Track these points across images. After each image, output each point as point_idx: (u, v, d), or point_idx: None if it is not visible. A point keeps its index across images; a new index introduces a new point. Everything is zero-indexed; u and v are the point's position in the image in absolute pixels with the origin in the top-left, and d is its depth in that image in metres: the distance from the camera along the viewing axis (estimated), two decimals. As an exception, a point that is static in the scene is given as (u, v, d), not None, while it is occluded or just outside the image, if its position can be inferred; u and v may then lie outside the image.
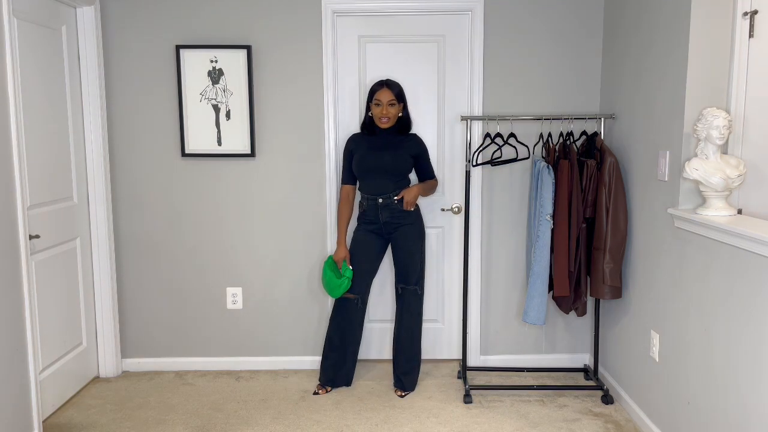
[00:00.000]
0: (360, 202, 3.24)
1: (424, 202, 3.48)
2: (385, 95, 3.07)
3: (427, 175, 3.27)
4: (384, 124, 3.10)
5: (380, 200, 3.14)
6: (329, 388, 3.27)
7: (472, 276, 3.52)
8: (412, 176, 3.31)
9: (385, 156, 3.12)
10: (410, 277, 3.20)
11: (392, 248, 3.24)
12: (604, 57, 3.35)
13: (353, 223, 3.33)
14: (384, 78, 3.28)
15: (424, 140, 3.29)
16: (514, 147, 3.31)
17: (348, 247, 3.24)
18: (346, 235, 3.24)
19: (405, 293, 3.22)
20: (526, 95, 3.41)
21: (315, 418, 2.99)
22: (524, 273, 3.53)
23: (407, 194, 3.12)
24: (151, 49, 3.36)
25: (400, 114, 3.14)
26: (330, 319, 3.27)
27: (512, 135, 3.30)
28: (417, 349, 3.28)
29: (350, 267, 3.18)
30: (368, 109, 3.15)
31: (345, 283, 3.13)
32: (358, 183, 3.26)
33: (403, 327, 3.24)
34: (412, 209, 3.17)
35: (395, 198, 3.12)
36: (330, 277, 3.16)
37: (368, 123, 3.18)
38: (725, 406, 2.19)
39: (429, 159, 3.27)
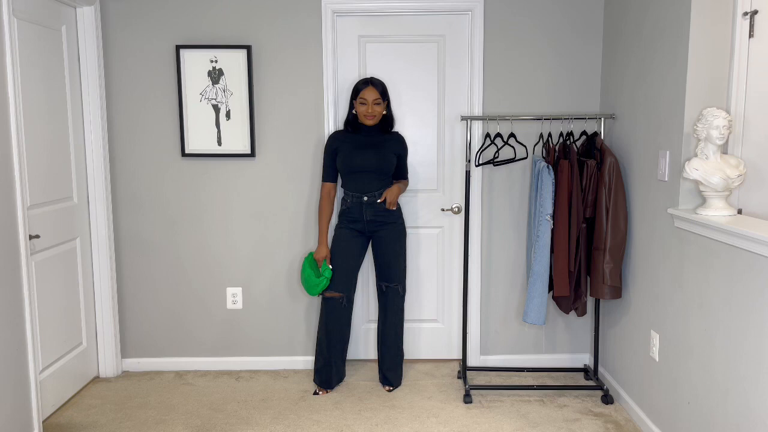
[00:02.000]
0: (343, 199, 3.22)
1: (423, 203, 3.49)
2: (370, 94, 3.07)
3: (402, 175, 3.29)
4: (369, 121, 3.11)
5: (365, 198, 3.14)
6: (328, 390, 3.28)
7: (472, 276, 3.52)
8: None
9: (371, 155, 3.12)
10: (393, 276, 3.22)
11: (375, 247, 3.24)
12: (604, 57, 3.35)
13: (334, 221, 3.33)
14: (368, 76, 3.29)
15: (406, 139, 3.32)
16: (514, 147, 3.31)
17: (329, 245, 3.24)
18: (327, 233, 3.24)
19: (389, 291, 3.23)
20: (526, 95, 3.41)
21: (315, 418, 2.99)
22: (524, 273, 3.53)
23: (389, 194, 3.13)
24: (151, 49, 3.36)
25: (384, 112, 3.15)
26: (319, 322, 3.27)
27: (512, 135, 3.31)
28: (401, 344, 3.32)
29: (330, 267, 3.17)
30: (351, 107, 3.16)
31: (323, 283, 3.13)
32: (340, 180, 3.26)
33: (388, 325, 3.27)
34: (395, 208, 3.18)
35: (378, 200, 3.13)
36: (309, 275, 3.15)
37: (352, 120, 3.19)
38: (725, 406, 2.19)
39: (406, 159, 3.30)
